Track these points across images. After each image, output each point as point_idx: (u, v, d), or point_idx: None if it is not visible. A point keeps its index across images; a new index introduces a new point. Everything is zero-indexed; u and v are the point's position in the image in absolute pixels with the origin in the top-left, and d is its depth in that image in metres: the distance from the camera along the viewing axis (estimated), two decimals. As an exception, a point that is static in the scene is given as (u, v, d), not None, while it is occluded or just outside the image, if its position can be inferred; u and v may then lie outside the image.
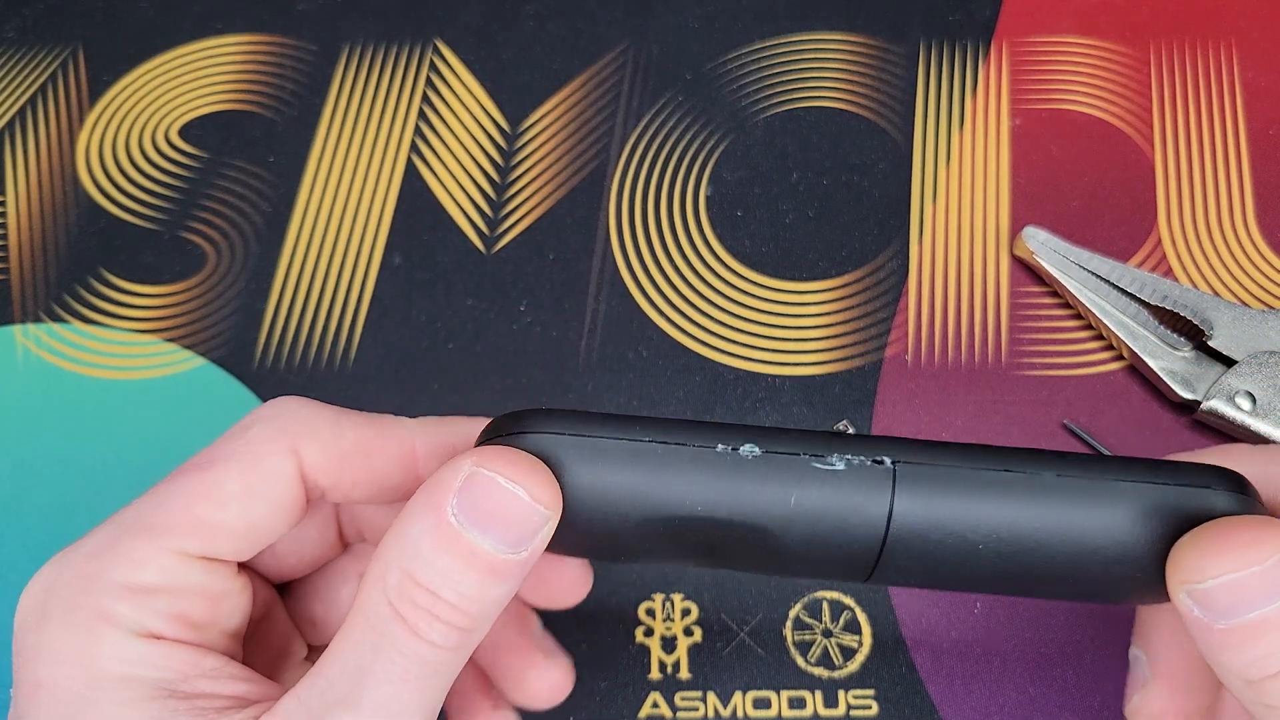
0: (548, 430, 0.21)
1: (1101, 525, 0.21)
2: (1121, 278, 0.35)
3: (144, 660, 0.21)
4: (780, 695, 0.31)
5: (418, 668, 0.20)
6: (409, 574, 0.20)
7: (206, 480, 0.22)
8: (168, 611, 0.22)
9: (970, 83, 0.40)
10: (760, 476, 0.21)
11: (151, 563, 0.22)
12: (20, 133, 0.42)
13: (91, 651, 0.21)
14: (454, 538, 0.20)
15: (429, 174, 0.40)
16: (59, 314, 0.38)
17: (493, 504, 0.20)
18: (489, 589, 0.20)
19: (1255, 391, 0.33)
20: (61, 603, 0.21)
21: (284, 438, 0.23)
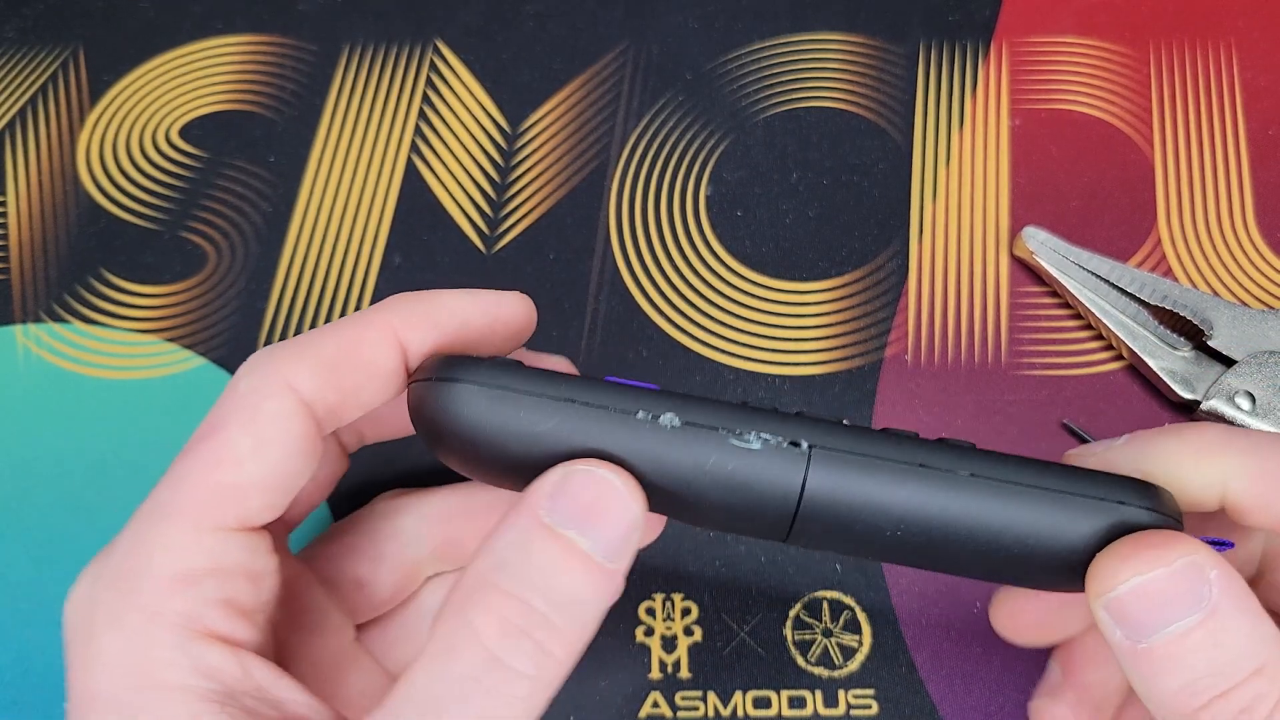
0: (475, 380, 0.21)
1: (1007, 528, 0.21)
2: (1121, 278, 0.35)
3: (197, 667, 0.20)
4: (780, 695, 0.31)
5: (502, 707, 0.19)
6: (495, 586, 0.19)
7: (216, 446, 0.22)
8: (216, 597, 0.21)
9: (970, 83, 0.40)
10: (676, 446, 0.21)
11: (190, 545, 0.21)
12: (21, 133, 0.42)
13: (145, 658, 0.20)
14: (550, 535, 0.20)
15: (429, 174, 0.40)
16: (59, 314, 0.38)
17: (589, 499, 0.20)
18: (593, 592, 0.20)
19: (1255, 391, 0.33)
20: (107, 609, 0.21)
21: (272, 377, 0.22)
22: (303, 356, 0.23)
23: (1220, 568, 0.20)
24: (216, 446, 0.22)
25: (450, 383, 0.22)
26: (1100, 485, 0.22)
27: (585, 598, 0.20)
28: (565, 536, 0.20)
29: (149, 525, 0.21)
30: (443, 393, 0.22)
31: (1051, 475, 0.22)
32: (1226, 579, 0.20)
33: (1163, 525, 0.21)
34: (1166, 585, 0.20)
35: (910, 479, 0.21)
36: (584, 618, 0.20)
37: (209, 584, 0.21)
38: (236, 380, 0.23)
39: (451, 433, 0.22)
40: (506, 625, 0.19)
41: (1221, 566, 0.20)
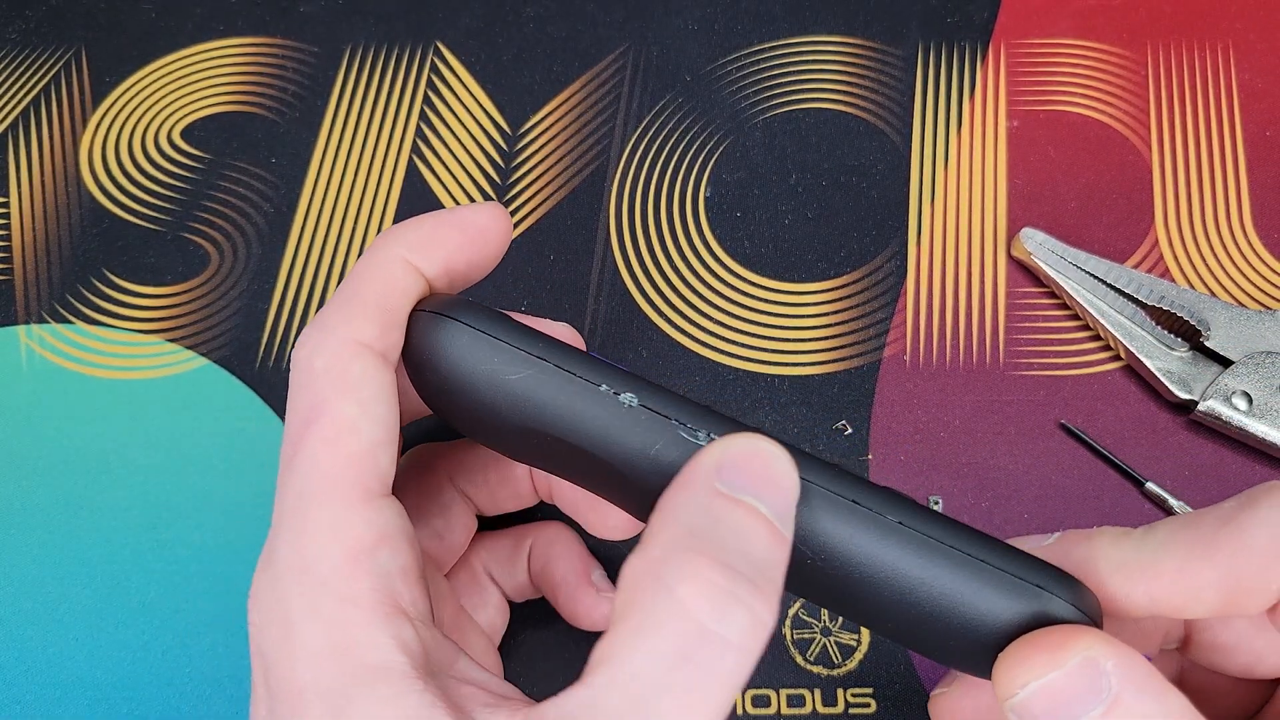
0: (465, 320, 0.23)
1: (920, 586, 0.21)
2: (1118, 278, 0.35)
3: (398, 644, 0.20)
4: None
5: (715, 684, 0.19)
6: (697, 551, 0.19)
7: (329, 423, 0.22)
8: (394, 567, 0.21)
9: (968, 85, 0.41)
10: (628, 424, 0.22)
11: (354, 521, 0.21)
12: (24, 134, 0.42)
13: (348, 643, 0.20)
14: (733, 502, 0.20)
15: (430, 175, 0.40)
16: (62, 314, 0.38)
17: (756, 467, 0.20)
18: (778, 554, 0.20)
19: (1252, 391, 0.33)
20: (299, 603, 0.21)
21: (344, 342, 0.23)
22: (355, 313, 0.23)
23: (1118, 656, 0.20)
24: (330, 423, 0.22)
25: (442, 318, 0.23)
26: (1022, 567, 0.22)
27: (777, 559, 0.20)
28: (746, 502, 0.20)
29: (304, 515, 0.22)
30: (434, 325, 0.23)
31: (978, 545, 0.22)
32: (1125, 666, 0.20)
33: (1075, 619, 0.21)
34: (1065, 685, 0.20)
35: (837, 510, 0.21)
36: (778, 581, 0.20)
37: (383, 554, 0.21)
38: (308, 360, 0.23)
39: (433, 364, 0.23)
40: (715, 592, 0.19)
41: (1119, 655, 0.20)
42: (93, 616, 0.33)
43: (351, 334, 0.23)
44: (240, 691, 0.32)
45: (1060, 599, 0.21)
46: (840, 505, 0.21)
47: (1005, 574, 0.21)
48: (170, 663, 0.32)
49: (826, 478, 0.22)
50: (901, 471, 0.34)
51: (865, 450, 0.34)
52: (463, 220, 0.25)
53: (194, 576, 0.33)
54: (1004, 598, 0.21)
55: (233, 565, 0.34)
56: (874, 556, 0.21)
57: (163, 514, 0.34)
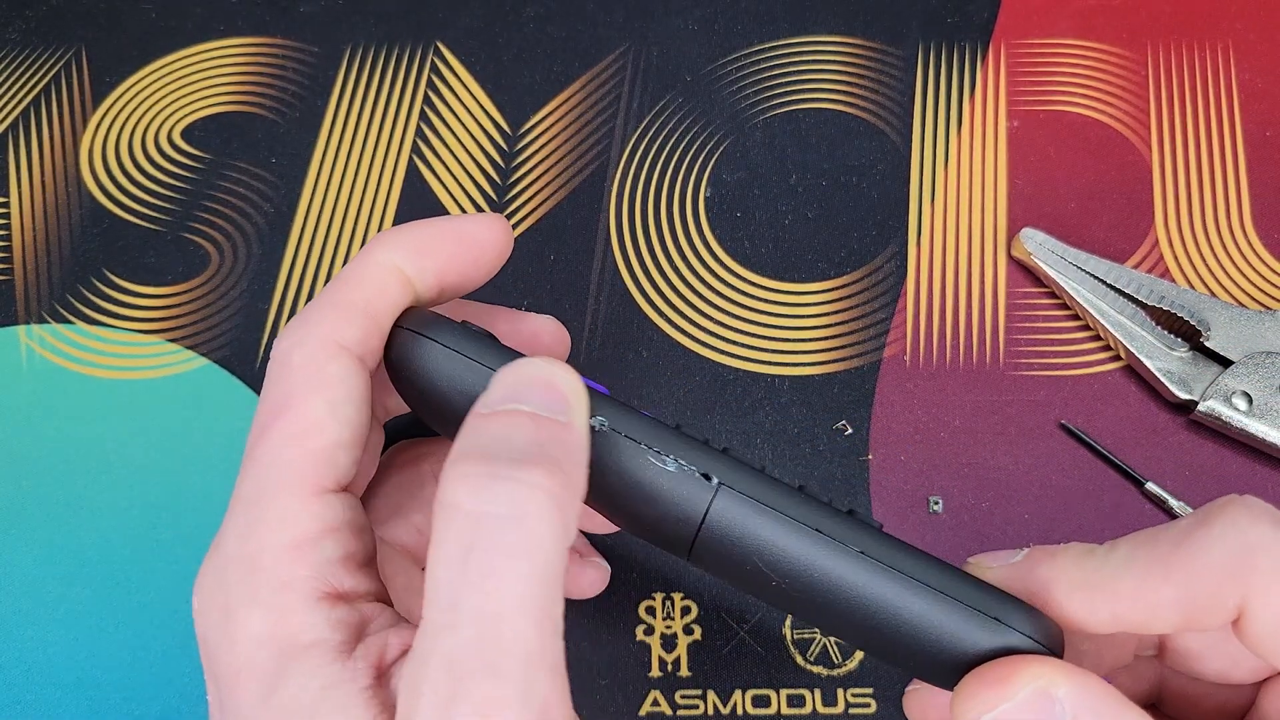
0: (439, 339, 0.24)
1: (880, 613, 0.22)
2: (1119, 279, 0.35)
3: (330, 623, 0.21)
4: (779, 693, 0.31)
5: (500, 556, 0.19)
6: (457, 460, 0.20)
7: (295, 418, 0.22)
8: (335, 556, 0.22)
9: (968, 85, 0.41)
10: (595, 446, 0.22)
11: (300, 513, 0.22)
12: (24, 134, 0.42)
13: (282, 626, 0.21)
14: (490, 416, 0.21)
15: (430, 175, 0.40)
16: (62, 314, 0.38)
17: (516, 380, 0.22)
18: (551, 435, 0.20)
19: (1252, 391, 0.33)
20: (238, 589, 0.21)
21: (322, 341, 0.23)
22: (339, 315, 0.23)
23: (1071, 683, 0.20)
24: (296, 418, 0.22)
25: (420, 337, 0.24)
26: (981, 598, 0.22)
27: (547, 438, 0.20)
28: (505, 409, 0.21)
29: (257, 505, 0.22)
30: (412, 343, 0.24)
31: (938, 575, 0.22)
32: (1078, 693, 0.20)
33: (1032, 650, 0.21)
34: (1016, 717, 0.20)
35: (799, 539, 0.22)
36: (556, 454, 0.20)
37: (327, 545, 0.22)
38: (287, 353, 0.23)
39: (410, 378, 0.24)
40: (473, 479, 0.19)
41: (1072, 682, 0.20)
42: (93, 616, 0.33)
43: (333, 334, 0.23)
44: (240, 691, 0.32)
45: (1017, 631, 0.21)
46: (801, 532, 0.22)
47: (963, 606, 0.22)
48: (170, 663, 0.32)
49: (789, 503, 0.22)
50: (901, 472, 0.34)
51: (865, 450, 0.34)
52: (460, 231, 0.25)
53: (194, 576, 0.33)
54: (963, 630, 0.21)
55: (233, 565, 0.34)
56: (836, 585, 0.22)
57: (163, 514, 0.34)
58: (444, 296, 0.26)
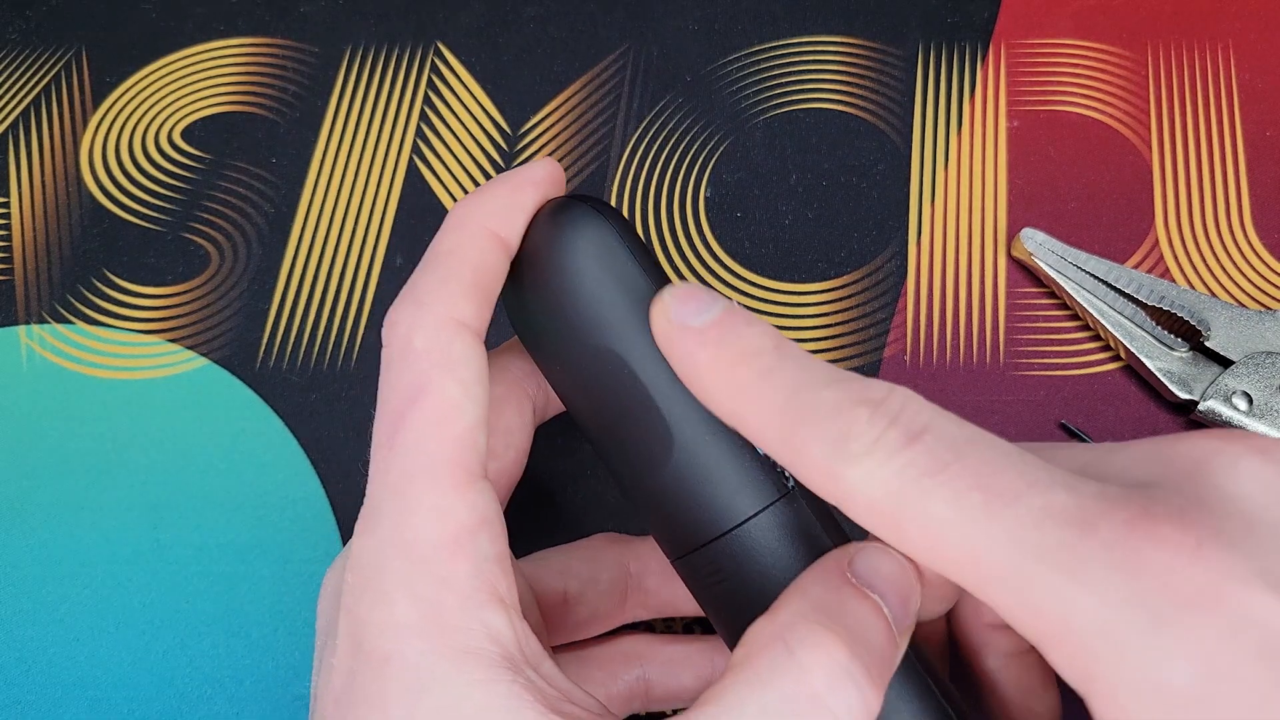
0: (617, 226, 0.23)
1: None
2: (1119, 279, 0.35)
3: (488, 632, 0.20)
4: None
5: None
6: (824, 627, 0.20)
7: (433, 404, 0.22)
8: (494, 553, 0.21)
9: (968, 85, 0.41)
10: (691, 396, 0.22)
11: (457, 504, 0.21)
12: (24, 134, 0.42)
13: (439, 623, 0.20)
14: (861, 593, 0.20)
15: (431, 176, 0.40)
16: (63, 315, 0.38)
17: (887, 570, 0.21)
18: (891, 655, 0.20)
19: (1252, 392, 0.33)
20: (397, 577, 0.21)
21: (442, 321, 0.22)
22: (453, 290, 0.22)
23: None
24: (434, 404, 0.22)
25: (595, 213, 0.23)
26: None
27: (890, 657, 0.20)
28: (874, 598, 0.21)
29: (408, 494, 0.21)
30: (585, 218, 0.23)
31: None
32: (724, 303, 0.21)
33: None
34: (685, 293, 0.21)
35: None
36: (886, 679, 0.20)
37: (483, 539, 0.21)
38: (406, 337, 0.22)
39: (564, 256, 0.23)
40: (834, 665, 0.19)
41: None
42: (93, 616, 0.33)
43: (450, 312, 0.22)
44: (240, 691, 0.32)
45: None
46: None
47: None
48: (170, 663, 0.32)
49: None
50: (902, 472, 0.34)
51: (865, 450, 0.34)
52: (532, 178, 0.24)
53: (194, 576, 0.33)
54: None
55: (233, 565, 0.33)
56: None
57: (163, 514, 0.34)
58: None
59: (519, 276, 0.24)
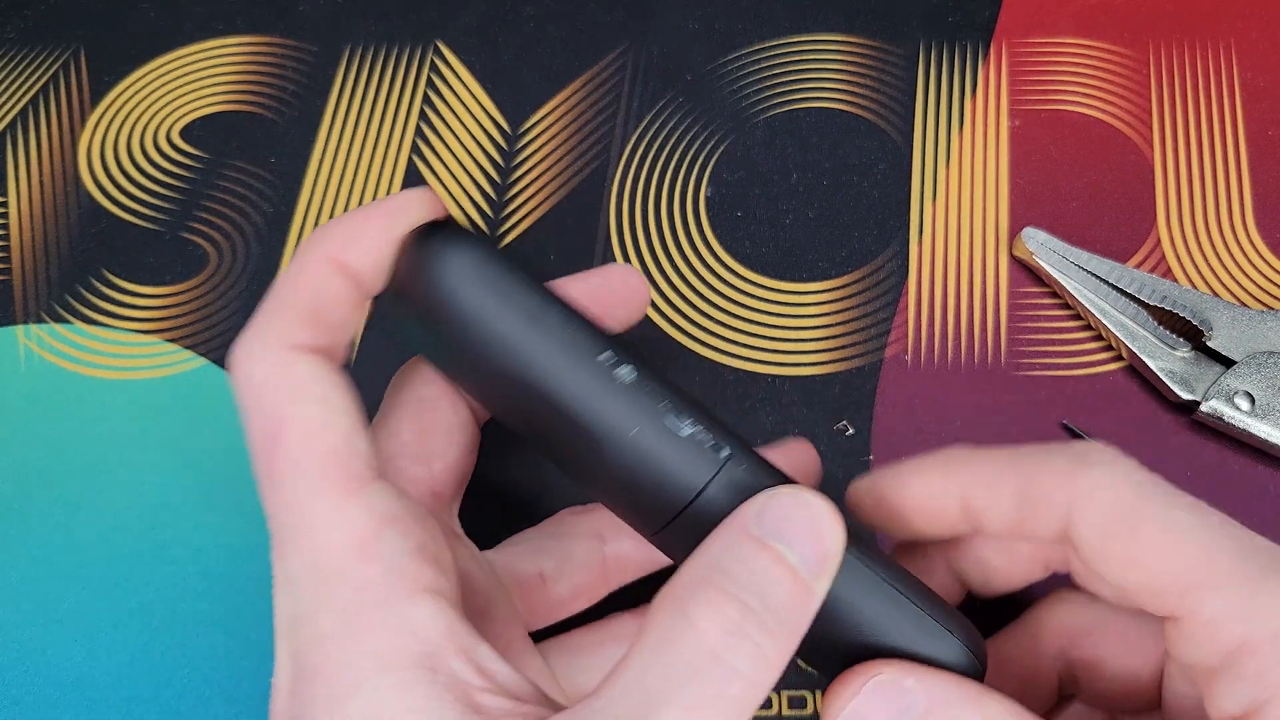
0: (479, 250, 0.22)
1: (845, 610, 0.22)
2: (1120, 278, 0.35)
3: (407, 631, 0.20)
4: (780, 695, 0.31)
5: (721, 702, 0.19)
6: (715, 586, 0.20)
7: (296, 433, 0.22)
8: (407, 547, 0.21)
9: (969, 84, 0.41)
10: (616, 397, 0.22)
11: (353, 508, 0.21)
12: (22, 134, 0.42)
13: (359, 630, 0.20)
14: (760, 545, 0.20)
15: (430, 175, 0.40)
16: (61, 314, 0.38)
17: (795, 518, 0.21)
18: (798, 602, 0.20)
19: (1254, 392, 0.33)
20: (313, 594, 0.21)
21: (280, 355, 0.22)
22: (286, 318, 0.23)
23: (920, 674, 0.21)
24: (295, 429, 0.22)
25: (452, 239, 0.22)
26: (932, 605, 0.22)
27: (793, 606, 0.21)
28: (774, 548, 0.21)
29: (302, 516, 0.21)
30: (441, 244, 0.22)
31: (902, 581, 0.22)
32: (929, 681, 0.21)
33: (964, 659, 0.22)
34: (867, 710, 0.21)
35: None
36: (792, 627, 0.21)
37: (390, 536, 0.21)
38: (248, 376, 0.22)
39: (428, 284, 0.22)
40: (727, 623, 0.20)
41: (923, 672, 0.21)
42: (92, 616, 0.33)
43: (284, 339, 0.22)
44: (240, 692, 0.32)
45: (958, 641, 0.22)
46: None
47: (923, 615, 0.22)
48: (170, 663, 0.32)
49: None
50: (903, 472, 0.34)
51: (866, 451, 0.34)
52: (385, 208, 0.24)
53: (194, 576, 0.33)
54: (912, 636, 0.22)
55: (233, 565, 0.33)
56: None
57: (163, 514, 0.34)
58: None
59: (400, 306, 0.24)
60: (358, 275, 0.23)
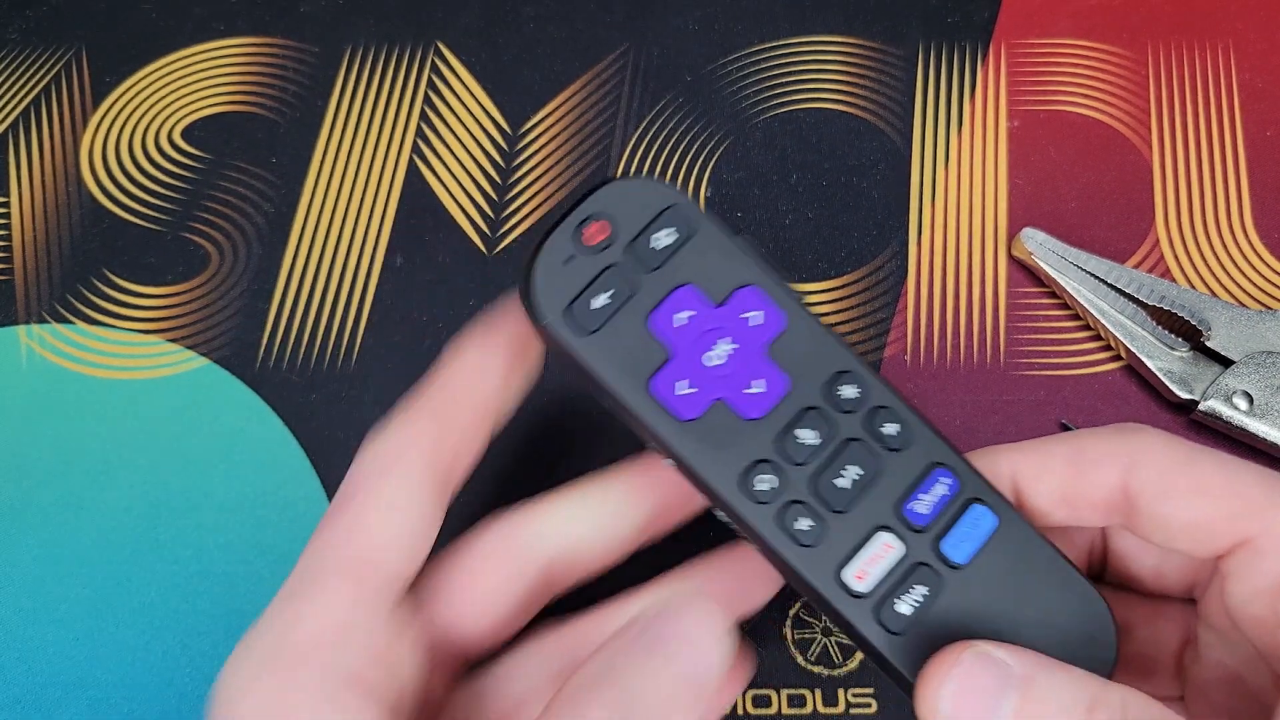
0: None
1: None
2: (1119, 278, 0.35)
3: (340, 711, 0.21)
4: (780, 693, 0.31)
5: None
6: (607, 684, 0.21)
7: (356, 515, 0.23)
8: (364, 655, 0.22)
9: (969, 84, 0.41)
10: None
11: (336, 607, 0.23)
12: (24, 134, 0.42)
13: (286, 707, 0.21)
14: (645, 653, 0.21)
15: (431, 175, 0.40)
16: (62, 314, 0.38)
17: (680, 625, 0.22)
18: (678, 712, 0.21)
19: (1253, 391, 0.33)
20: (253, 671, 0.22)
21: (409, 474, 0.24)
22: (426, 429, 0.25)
23: (1011, 649, 0.21)
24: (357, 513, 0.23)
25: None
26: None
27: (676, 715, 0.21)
28: (658, 656, 0.21)
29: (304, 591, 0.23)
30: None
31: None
32: (1022, 654, 0.21)
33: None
34: (968, 683, 0.21)
35: None
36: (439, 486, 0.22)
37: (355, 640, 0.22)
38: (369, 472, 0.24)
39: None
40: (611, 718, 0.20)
41: (1014, 648, 0.21)
42: (93, 616, 0.33)
43: (422, 485, 0.24)
44: (240, 691, 0.32)
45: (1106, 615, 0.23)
46: None
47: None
48: (170, 663, 0.32)
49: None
50: (902, 471, 0.34)
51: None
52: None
53: (194, 576, 0.33)
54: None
55: (233, 565, 0.33)
56: None
57: (163, 514, 0.34)
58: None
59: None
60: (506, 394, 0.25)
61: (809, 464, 0.23)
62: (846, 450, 0.23)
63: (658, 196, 0.23)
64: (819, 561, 0.23)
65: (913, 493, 0.23)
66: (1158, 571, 0.26)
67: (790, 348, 0.23)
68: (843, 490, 0.23)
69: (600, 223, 0.23)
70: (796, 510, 0.23)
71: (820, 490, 0.23)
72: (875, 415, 0.23)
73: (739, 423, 0.23)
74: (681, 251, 0.23)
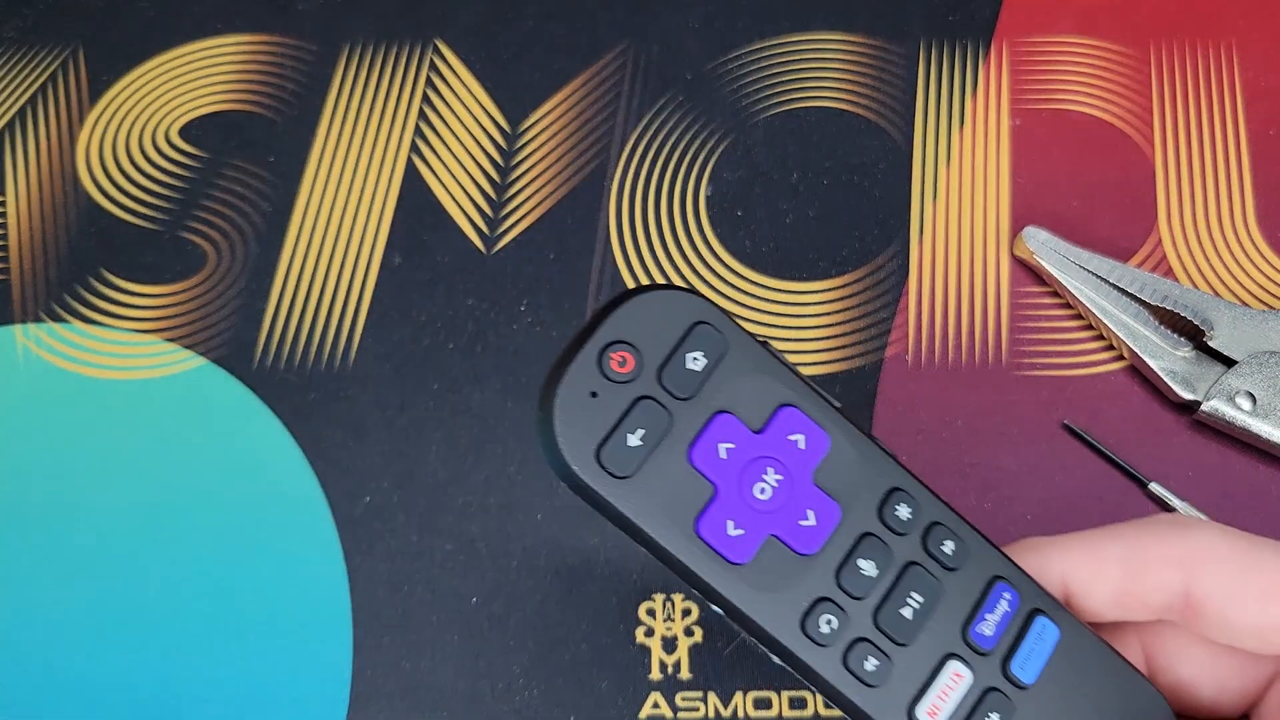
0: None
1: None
2: (1121, 278, 0.35)
3: None
4: (781, 695, 0.31)
5: None
6: None
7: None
8: None
9: (970, 83, 0.40)
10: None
11: None
12: (20, 133, 0.42)
13: None
14: None
15: (429, 174, 0.40)
16: (59, 314, 0.38)
17: None
18: None
19: (1256, 391, 0.33)
20: None
21: None
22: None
23: None
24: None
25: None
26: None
27: None
28: None
29: None
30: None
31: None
32: None
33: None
34: None
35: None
36: None
37: None
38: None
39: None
40: None
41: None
42: (89, 616, 0.33)
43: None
44: (239, 692, 0.32)
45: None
46: None
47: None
48: (170, 663, 0.32)
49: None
50: (903, 472, 0.34)
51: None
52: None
53: (191, 576, 0.33)
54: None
55: (230, 564, 0.33)
56: None
57: (160, 514, 0.34)
58: None
59: None
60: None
61: (869, 597, 0.21)
62: (906, 576, 0.21)
63: (683, 311, 0.21)
64: (890, 702, 0.21)
65: (978, 613, 0.22)
66: (1212, 673, 0.25)
67: (837, 471, 0.22)
68: (907, 621, 0.21)
69: (624, 348, 0.21)
70: (862, 649, 0.21)
71: (884, 624, 0.21)
72: (930, 534, 0.22)
73: (794, 560, 0.21)
74: (715, 373, 0.21)
